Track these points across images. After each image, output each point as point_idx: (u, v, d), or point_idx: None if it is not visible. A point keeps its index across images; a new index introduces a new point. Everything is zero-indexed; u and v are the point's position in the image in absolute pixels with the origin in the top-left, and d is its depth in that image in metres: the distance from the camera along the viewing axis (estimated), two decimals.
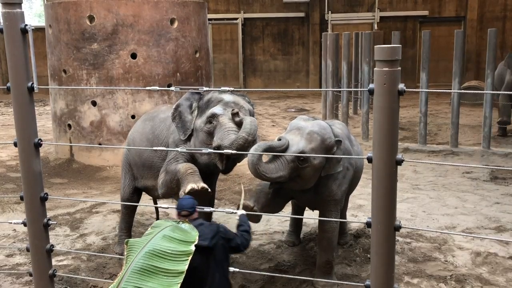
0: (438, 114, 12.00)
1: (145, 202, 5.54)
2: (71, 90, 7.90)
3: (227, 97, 4.10)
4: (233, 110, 3.93)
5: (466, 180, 7.07)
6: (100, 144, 7.75)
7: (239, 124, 3.87)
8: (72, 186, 7.20)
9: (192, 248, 2.68)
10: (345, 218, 4.88)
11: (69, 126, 8.06)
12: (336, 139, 3.99)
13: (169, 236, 2.73)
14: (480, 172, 7.32)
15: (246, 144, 3.74)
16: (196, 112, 4.20)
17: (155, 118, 4.62)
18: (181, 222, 2.90)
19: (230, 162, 4.04)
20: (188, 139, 4.20)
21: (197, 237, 2.76)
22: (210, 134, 4.01)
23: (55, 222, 4.78)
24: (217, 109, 4.00)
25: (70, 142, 8.05)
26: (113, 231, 5.49)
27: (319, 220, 4.39)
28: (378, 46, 2.55)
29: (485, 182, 7.00)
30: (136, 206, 4.92)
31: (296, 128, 4.00)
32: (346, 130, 4.43)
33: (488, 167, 7.38)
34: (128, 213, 4.94)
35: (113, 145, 7.70)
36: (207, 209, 3.25)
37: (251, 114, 4.20)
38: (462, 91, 4.99)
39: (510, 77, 9.45)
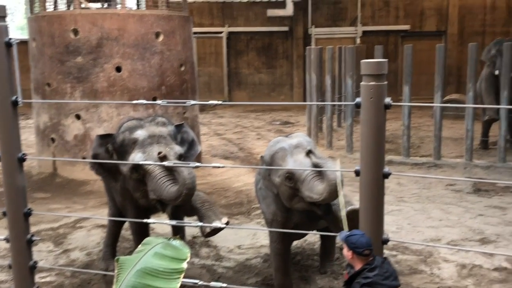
0: (420, 127, 12.14)
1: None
2: (54, 104, 7.83)
3: (140, 134, 3.96)
4: (159, 154, 3.69)
5: (450, 193, 7.14)
6: (84, 158, 7.67)
7: (169, 169, 3.71)
8: (55, 200, 7.10)
9: (184, 265, 2.64)
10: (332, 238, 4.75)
11: (53, 139, 7.96)
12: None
13: (160, 254, 2.68)
14: (463, 185, 7.40)
15: (189, 196, 3.68)
16: (115, 155, 4.10)
17: None
18: (172, 239, 2.82)
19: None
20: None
21: (188, 255, 2.70)
22: (141, 181, 3.90)
23: (39, 238, 4.70)
24: (137, 157, 3.82)
25: (54, 156, 7.95)
26: (97, 246, 5.42)
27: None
28: (365, 61, 2.57)
29: (469, 194, 7.07)
30: (125, 221, 4.86)
31: (295, 146, 3.76)
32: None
33: (471, 179, 7.47)
34: (118, 227, 4.90)
35: (97, 160, 7.60)
36: (194, 223, 3.23)
37: (172, 134, 4.11)
38: (445, 105, 5.05)
39: (486, 70, 9.33)
